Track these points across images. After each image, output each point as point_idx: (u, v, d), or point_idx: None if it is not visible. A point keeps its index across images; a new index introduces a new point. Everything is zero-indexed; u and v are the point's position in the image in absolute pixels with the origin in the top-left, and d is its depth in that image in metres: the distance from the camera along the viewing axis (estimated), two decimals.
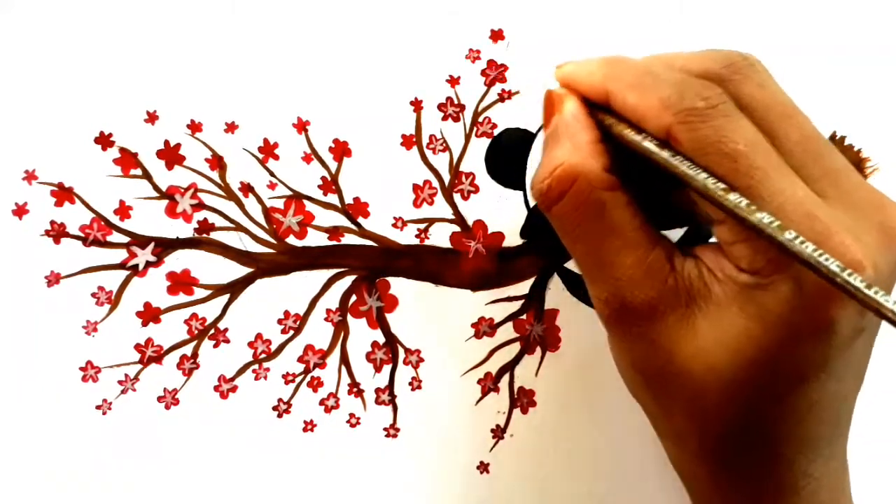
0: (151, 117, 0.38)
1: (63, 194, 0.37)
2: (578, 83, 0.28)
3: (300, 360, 0.39)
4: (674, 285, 0.26)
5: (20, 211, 0.37)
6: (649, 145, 0.26)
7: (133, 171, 0.38)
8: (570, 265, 0.41)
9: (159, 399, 0.38)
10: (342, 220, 0.39)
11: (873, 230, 0.24)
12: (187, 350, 0.38)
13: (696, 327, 0.25)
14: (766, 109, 0.25)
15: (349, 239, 0.39)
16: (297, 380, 0.39)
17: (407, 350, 0.40)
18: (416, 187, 0.39)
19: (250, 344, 0.39)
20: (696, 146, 0.24)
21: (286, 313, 0.39)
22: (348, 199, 0.39)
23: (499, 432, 0.41)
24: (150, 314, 0.38)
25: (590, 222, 0.26)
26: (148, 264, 0.38)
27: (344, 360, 0.40)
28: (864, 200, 0.25)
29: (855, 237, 0.23)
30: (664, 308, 0.26)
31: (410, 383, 0.40)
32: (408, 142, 0.39)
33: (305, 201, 0.39)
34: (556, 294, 0.41)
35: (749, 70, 0.26)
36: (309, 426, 0.39)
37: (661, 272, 0.26)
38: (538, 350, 0.41)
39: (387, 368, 0.40)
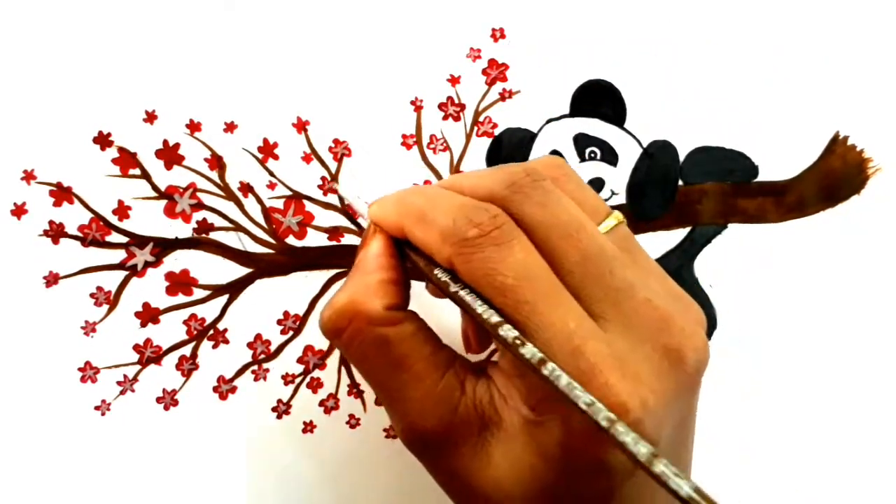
0: (150, 117, 0.37)
1: (62, 194, 0.37)
2: (381, 223, 0.28)
3: (300, 360, 0.39)
4: (465, 412, 0.25)
5: (19, 211, 0.37)
6: (440, 276, 0.25)
7: (132, 171, 0.38)
8: None
9: (158, 400, 0.38)
10: (342, 221, 0.39)
11: (655, 354, 0.23)
12: (186, 351, 0.38)
13: (490, 455, 0.25)
14: (546, 229, 0.24)
15: (349, 239, 0.39)
16: (297, 381, 0.39)
17: None
18: None
19: (250, 345, 0.39)
20: (471, 278, 0.24)
21: (286, 314, 0.39)
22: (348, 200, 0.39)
23: None
24: (148, 315, 0.38)
25: (374, 357, 0.26)
26: (147, 264, 0.38)
27: (344, 361, 0.39)
28: (646, 321, 0.24)
29: (623, 374, 0.22)
30: (457, 437, 0.25)
31: None
32: (408, 141, 0.39)
33: (305, 201, 0.39)
34: None
35: (530, 188, 0.25)
36: (309, 427, 0.39)
37: (450, 400, 0.26)
38: None
39: None
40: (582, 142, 0.40)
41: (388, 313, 0.26)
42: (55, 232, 0.37)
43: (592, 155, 0.41)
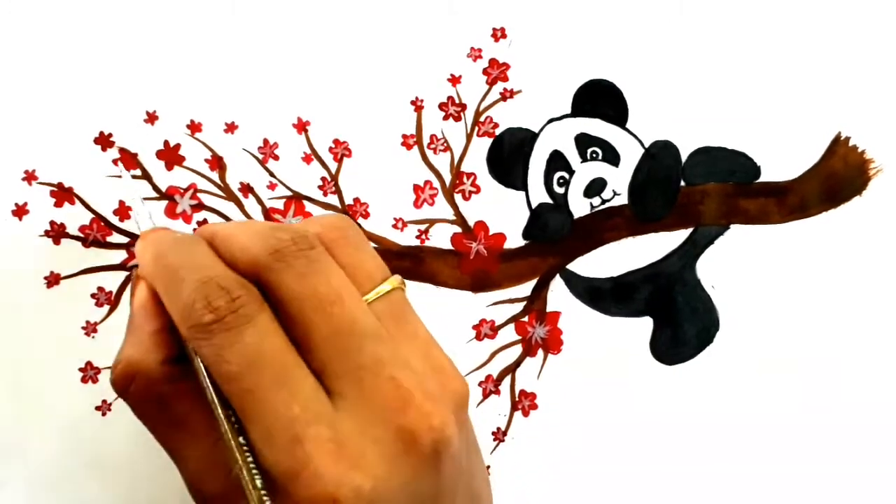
0: (151, 117, 0.38)
1: (63, 195, 0.37)
2: (140, 267, 0.27)
3: None
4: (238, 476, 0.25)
5: (20, 211, 0.37)
6: (189, 348, 0.25)
7: (133, 172, 0.38)
8: (573, 266, 0.41)
9: None
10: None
11: (388, 435, 0.23)
12: None
13: None
14: (300, 302, 0.24)
15: None
16: None
17: None
18: (416, 188, 0.39)
19: None
20: (205, 363, 0.24)
21: None
22: (348, 200, 0.39)
23: (500, 435, 0.40)
24: None
25: (156, 415, 0.26)
26: None
27: None
28: (385, 400, 0.23)
29: (337, 459, 0.22)
30: (233, 499, 0.25)
31: None
32: (408, 141, 0.39)
33: (305, 202, 0.39)
34: (559, 296, 0.41)
35: (293, 257, 0.24)
36: None
37: (227, 464, 0.25)
38: (540, 352, 0.40)
39: None
40: (583, 142, 0.40)
41: (166, 368, 0.26)
42: (56, 232, 0.37)
43: (594, 155, 0.40)
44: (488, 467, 0.40)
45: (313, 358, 0.24)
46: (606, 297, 0.41)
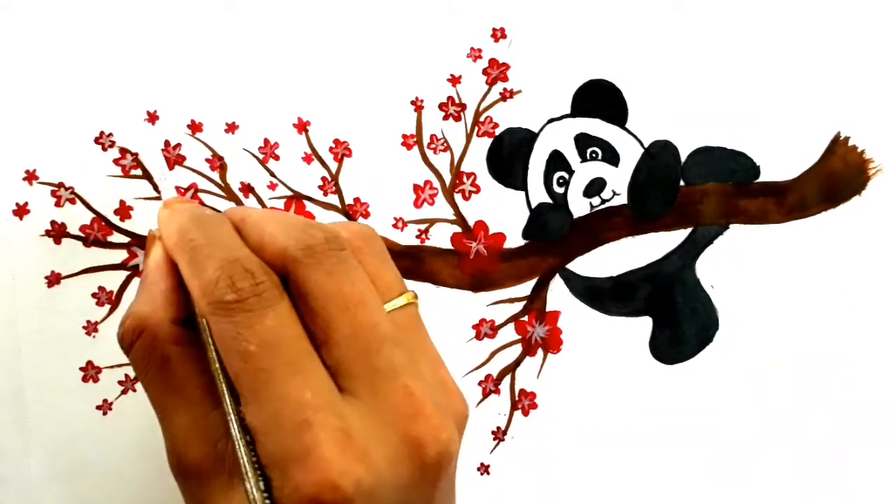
0: (152, 117, 0.38)
1: (63, 194, 0.37)
2: (162, 237, 0.28)
3: None
4: (222, 450, 0.25)
5: (21, 211, 0.37)
6: (199, 319, 0.25)
7: (133, 172, 0.38)
8: (573, 266, 0.41)
9: None
10: (342, 221, 0.39)
11: (395, 440, 0.23)
12: None
13: (231, 499, 0.25)
14: (325, 298, 0.24)
15: None
16: None
17: None
18: (416, 187, 0.39)
19: None
20: (219, 339, 0.24)
21: None
22: (348, 200, 0.39)
23: (500, 435, 0.40)
24: None
25: (155, 374, 0.26)
26: None
27: None
28: (397, 406, 0.24)
29: (344, 449, 0.22)
30: (209, 473, 0.25)
31: None
32: (408, 141, 0.39)
33: (306, 202, 0.39)
34: (559, 295, 0.41)
35: (324, 255, 0.25)
36: None
37: (213, 435, 0.25)
38: (540, 352, 0.40)
39: None
40: (583, 142, 0.40)
41: (175, 329, 0.26)
42: (57, 232, 0.37)
43: (594, 155, 0.40)
44: (488, 466, 0.40)
45: (329, 355, 0.24)
46: (606, 296, 0.41)
